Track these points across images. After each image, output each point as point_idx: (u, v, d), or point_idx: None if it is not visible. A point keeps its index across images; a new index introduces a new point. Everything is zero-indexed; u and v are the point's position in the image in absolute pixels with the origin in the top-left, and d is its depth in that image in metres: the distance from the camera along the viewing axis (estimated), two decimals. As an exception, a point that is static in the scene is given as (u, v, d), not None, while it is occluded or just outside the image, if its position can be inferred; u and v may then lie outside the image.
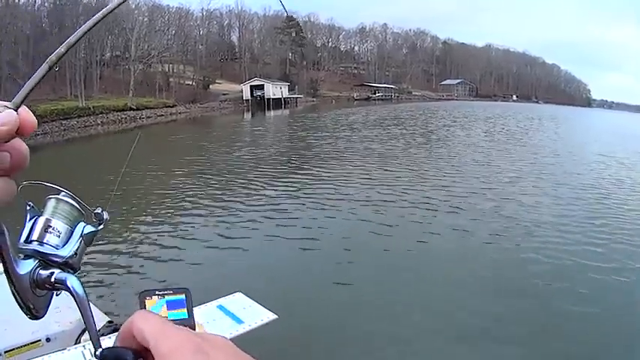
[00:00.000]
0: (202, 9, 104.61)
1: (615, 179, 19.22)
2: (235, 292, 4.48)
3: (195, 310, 2.61)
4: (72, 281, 0.63)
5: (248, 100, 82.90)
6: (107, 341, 3.51)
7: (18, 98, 0.59)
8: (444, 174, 19.14)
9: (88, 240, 0.67)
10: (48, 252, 0.64)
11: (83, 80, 55.74)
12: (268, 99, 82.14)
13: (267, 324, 4.06)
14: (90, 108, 50.63)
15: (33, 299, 0.62)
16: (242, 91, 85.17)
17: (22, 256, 0.63)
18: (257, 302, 4.35)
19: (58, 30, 59.59)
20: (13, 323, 3.91)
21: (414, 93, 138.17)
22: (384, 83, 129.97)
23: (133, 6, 75.87)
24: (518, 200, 14.63)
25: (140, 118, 56.44)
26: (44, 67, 0.62)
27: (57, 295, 0.66)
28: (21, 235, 0.65)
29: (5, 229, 0.59)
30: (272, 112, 73.99)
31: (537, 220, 12.27)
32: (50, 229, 0.65)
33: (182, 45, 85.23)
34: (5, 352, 4.16)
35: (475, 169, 20.01)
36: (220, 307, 4.28)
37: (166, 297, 2.77)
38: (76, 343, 4.00)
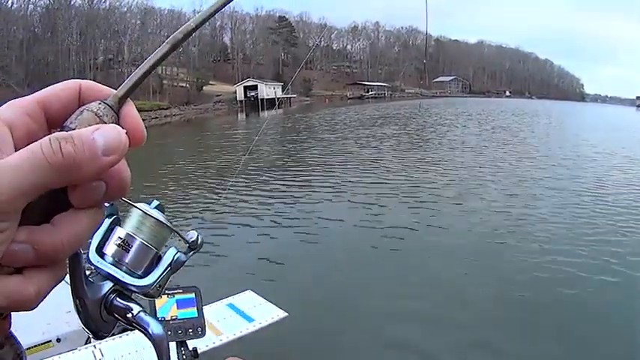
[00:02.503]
0: (194, 10, 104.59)
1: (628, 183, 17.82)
2: (245, 290, 4.51)
3: (205, 308, 2.84)
4: (155, 328, 0.53)
5: (242, 100, 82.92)
6: (117, 340, 3.86)
7: (122, 89, 0.47)
8: (444, 175, 18.91)
9: (175, 268, 0.56)
10: (127, 281, 0.53)
11: (77, 84, 55.80)
12: (262, 99, 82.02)
13: (278, 322, 4.05)
14: (84, 112, 50.62)
15: (99, 323, 0.53)
16: (235, 92, 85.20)
17: (92, 272, 0.53)
18: (267, 300, 4.34)
19: (51, 34, 59.64)
20: (24, 323, 3.87)
21: (407, 91, 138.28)
22: (377, 81, 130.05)
23: (125, 9, 76.09)
24: (524, 208, 13.80)
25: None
26: (165, 46, 0.47)
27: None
28: (91, 241, 0.53)
29: (80, 249, 0.49)
30: (266, 113, 73.81)
31: (547, 231, 11.63)
32: (132, 249, 0.53)
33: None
34: None
35: (474, 171, 19.54)
36: (230, 306, 4.27)
37: (176, 296, 2.98)
38: (86, 344, 4.03)
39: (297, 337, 6.25)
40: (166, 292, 2.98)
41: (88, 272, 0.52)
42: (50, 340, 4.18)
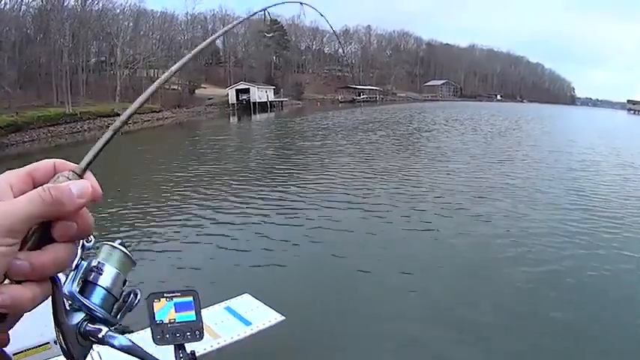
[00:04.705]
0: (187, 13, 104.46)
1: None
2: (243, 293, 4.67)
3: (203, 311, 2.99)
4: (121, 341, 0.68)
5: (234, 104, 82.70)
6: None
7: (83, 163, 0.61)
8: (438, 183, 18.90)
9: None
10: (97, 313, 0.66)
11: (69, 86, 55.47)
12: (254, 103, 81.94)
13: (275, 325, 4.18)
14: (77, 114, 50.37)
15: (77, 348, 0.65)
16: (227, 95, 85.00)
17: (69, 303, 0.65)
18: (264, 303, 4.48)
19: (43, 36, 59.31)
20: (21, 325, 3.94)
21: (398, 94, 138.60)
22: (369, 85, 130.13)
23: (118, 11, 75.89)
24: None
25: (127, 123, 56.09)
26: (108, 133, 0.66)
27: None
28: (67, 277, 0.66)
29: (60, 279, 0.61)
30: (258, 116, 73.81)
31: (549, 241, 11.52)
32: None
33: (167, 50, 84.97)
34: (14, 354, 4.04)
35: (468, 180, 19.40)
36: (228, 309, 4.39)
37: (174, 299, 3.05)
38: (84, 346, 4.19)
39: (294, 341, 6.35)
40: (165, 295, 3.20)
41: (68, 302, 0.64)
42: (48, 342, 4.20)
